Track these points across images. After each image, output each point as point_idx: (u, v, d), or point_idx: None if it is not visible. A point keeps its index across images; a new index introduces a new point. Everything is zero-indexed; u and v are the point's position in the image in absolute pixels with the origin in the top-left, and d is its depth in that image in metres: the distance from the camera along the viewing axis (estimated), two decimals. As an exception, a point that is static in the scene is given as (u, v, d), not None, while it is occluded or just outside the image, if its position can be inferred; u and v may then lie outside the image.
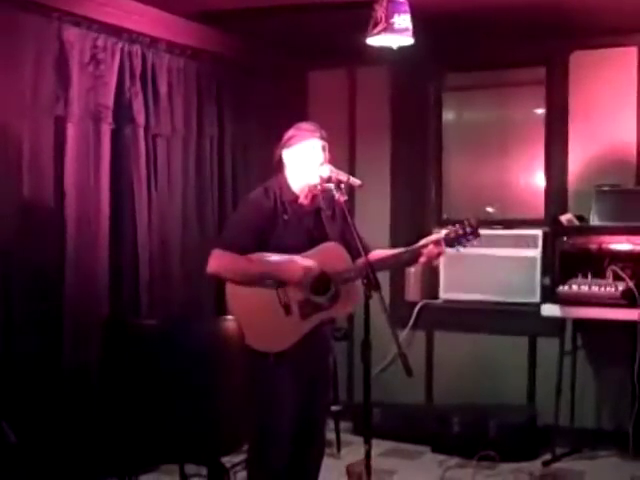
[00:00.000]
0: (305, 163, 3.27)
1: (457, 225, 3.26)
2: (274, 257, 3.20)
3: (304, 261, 3.18)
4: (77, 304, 4.11)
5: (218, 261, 3.19)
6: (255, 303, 3.18)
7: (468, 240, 3.26)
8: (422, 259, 3.26)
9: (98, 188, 4.23)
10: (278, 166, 3.35)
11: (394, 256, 3.35)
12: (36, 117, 3.95)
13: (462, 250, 3.33)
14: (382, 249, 3.46)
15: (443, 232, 3.28)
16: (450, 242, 3.25)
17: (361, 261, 3.18)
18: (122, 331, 3.30)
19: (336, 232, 3.34)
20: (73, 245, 4.10)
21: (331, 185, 3.21)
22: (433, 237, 3.29)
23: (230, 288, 3.20)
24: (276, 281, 3.18)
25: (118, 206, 4.38)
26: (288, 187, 3.30)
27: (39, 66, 3.93)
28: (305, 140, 3.28)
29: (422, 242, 3.28)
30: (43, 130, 3.99)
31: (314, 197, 3.33)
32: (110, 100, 4.26)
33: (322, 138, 3.30)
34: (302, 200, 3.30)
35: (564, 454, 4.79)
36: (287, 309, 3.19)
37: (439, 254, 3.26)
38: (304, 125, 3.36)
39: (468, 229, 3.24)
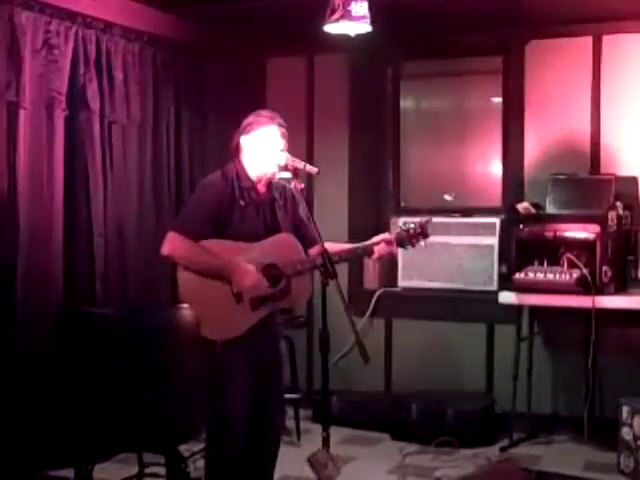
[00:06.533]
0: (263, 150, 3.26)
1: (409, 226, 3.39)
2: (230, 249, 3.17)
3: (257, 278, 3.16)
4: (31, 293, 4.04)
5: (173, 245, 3.16)
6: (206, 290, 3.15)
7: (417, 241, 3.40)
8: (374, 256, 3.37)
9: (52, 176, 4.16)
10: (235, 152, 3.33)
11: (347, 251, 3.39)
12: (-13, 103, 3.87)
13: (410, 249, 3.47)
14: (337, 240, 3.50)
15: (395, 232, 3.41)
16: (400, 242, 3.39)
17: (314, 252, 3.22)
18: (77, 320, 3.25)
19: (287, 222, 3.35)
20: (26, 234, 4.03)
21: (288, 173, 3.20)
22: (385, 236, 3.39)
23: (182, 274, 3.17)
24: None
25: (72, 194, 4.31)
26: (245, 174, 3.28)
27: (-11, 51, 3.85)
28: (264, 127, 3.27)
29: (374, 239, 3.37)
30: (-6, 116, 3.91)
31: (269, 185, 3.32)
32: (64, 86, 4.18)
33: (281, 126, 3.29)
34: (259, 188, 3.29)
35: (521, 439, 4.85)
36: (238, 298, 3.17)
37: (390, 253, 3.39)
38: (263, 112, 3.36)
39: (418, 230, 3.38)
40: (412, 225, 3.39)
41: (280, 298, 3.25)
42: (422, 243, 3.41)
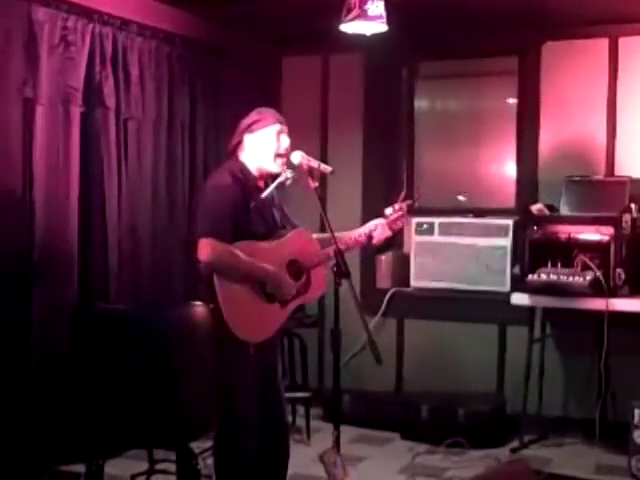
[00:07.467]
0: (267, 148, 3.27)
1: (396, 206, 3.47)
2: (256, 249, 3.19)
3: (290, 282, 3.22)
4: (46, 289, 4.06)
5: (211, 249, 3.11)
6: (241, 293, 3.16)
7: (404, 217, 3.49)
8: (374, 241, 3.45)
9: (67, 172, 4.18)
10: (234, 150, 3.33)
11: (352, 239, 3.41)
12: (4, 99, 3.88)
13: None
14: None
15: (387, 219, 3.46)
16: (392, 227, 3.46)
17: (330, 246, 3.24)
18: (90, 317, 3.27)
19: (283, 218, 3.40)
20: (42, 230, 4.05)
21: (288, 172, 3.23)
22: (379, 221, 3.45)
23: (218, 276, 3.14)
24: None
25: (88, 190, 4.33)
26: (249, 173, 3.29)
27: (7, 47, 3.86)
28: (269, 125, 3.29)
29: (367, 228, 3.44)
30: (11, 112, 3.92)
31: (266, 183, 3.34)
32: (80, 82, 4.20)
33: (284, 124, 3.32)
34: (260, 186, 3.32)
35: (531, 441, 4.84)
36: (271, 298, 3.20)
37: (390, 235, 3.46)
38: (265, 110, 3.37)
39: (405, 208, 3.48)
40: (392, 209, 3.46)
41: (304, 292, 3.30)
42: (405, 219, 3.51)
